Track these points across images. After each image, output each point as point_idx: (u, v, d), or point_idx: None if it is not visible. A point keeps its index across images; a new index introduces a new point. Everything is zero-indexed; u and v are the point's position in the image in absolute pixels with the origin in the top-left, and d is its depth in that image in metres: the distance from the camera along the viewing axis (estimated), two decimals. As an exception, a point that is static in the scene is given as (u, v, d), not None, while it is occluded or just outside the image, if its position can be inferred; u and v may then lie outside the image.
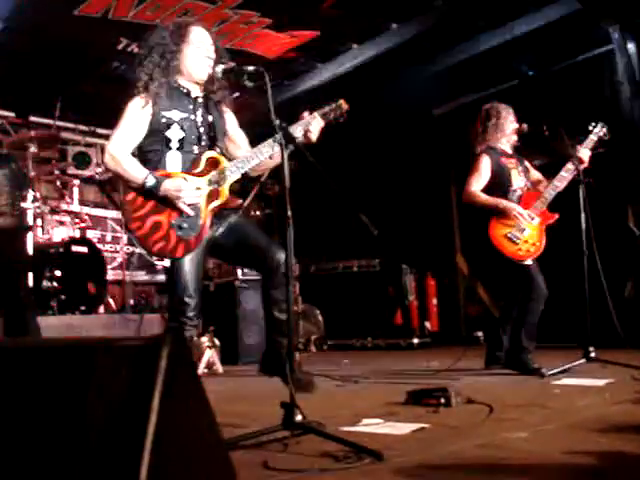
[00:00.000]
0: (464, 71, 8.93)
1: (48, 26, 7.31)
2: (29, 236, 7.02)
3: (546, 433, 2.97)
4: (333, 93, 9.07)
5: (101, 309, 7.65)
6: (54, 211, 7.64)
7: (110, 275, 8.50)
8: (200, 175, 3.58)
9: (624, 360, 4.99)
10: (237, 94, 9.54)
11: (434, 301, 9.81)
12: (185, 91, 3.70)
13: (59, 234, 7.52)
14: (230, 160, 3.74)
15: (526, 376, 5.06)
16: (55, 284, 6.89)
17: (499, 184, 5.44)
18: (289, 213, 3.13)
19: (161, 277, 9.63)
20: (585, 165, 5.42)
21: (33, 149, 7.37)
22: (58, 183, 8.20)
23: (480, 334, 9.43)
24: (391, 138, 10.06)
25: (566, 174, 5.38)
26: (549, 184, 5.43)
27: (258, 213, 10.29)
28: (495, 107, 5.70)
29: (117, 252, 9.29)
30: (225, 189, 3.63)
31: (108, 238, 9.41)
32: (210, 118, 3.74)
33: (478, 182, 5.42)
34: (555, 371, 4.94)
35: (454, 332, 9.98)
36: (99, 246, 8.32)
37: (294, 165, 3.98)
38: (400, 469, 2.40)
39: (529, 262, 5.32)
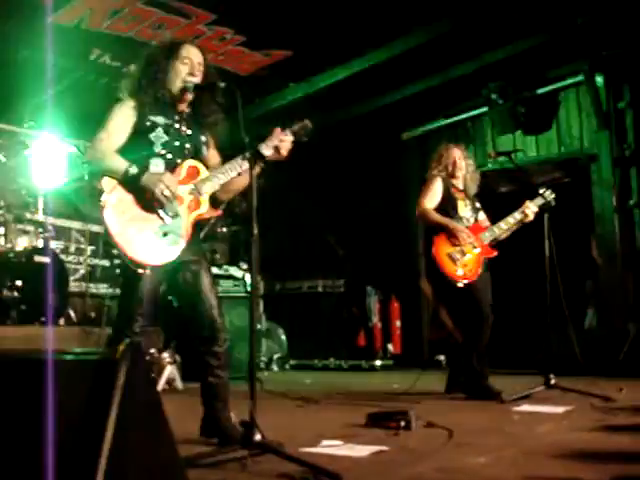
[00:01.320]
0: (434, 96, 9.01)
1: (21, 34, 7.25)
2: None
3: (504, 458, 2.97)
4: (304, 113, 9.13)
5: (62, 321, 7.53)
6: (18, 220, 7.53)
7: (72, 287, 8.39)
8: (181, 183, 3.44)
9: (584, 388, 5.04)
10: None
11: (397, 323, 9.82)
12: (170, 102, 3.63)
13: (22, 243, 7.41)
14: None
15: (486, 401, 5.08)
16: (16, 294, 6.78)
17: (446, 209, 5.61)
18: (255, 231, 3.12)
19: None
20: (530, 219, 5.59)
21: (0, 157, 7.28)
22: (23, 192, 8.10)
23: (442, 358, 9.47)
24: (359, 160, 10.11)
25: (512, 220, 5.58)
26: (497, 223, 5.63)
27: (225, 230, 10.25)
28: (449, 147, 5.89)
29: (80, 263, 9.17)
30: (205, 199, 3.50)
31: (72, 249, 9.29)
32: (190, 132, 3.66)
33: (431, 201, 5.61)
34: (515, 397, 4.97)
35: (416, 355, 9.99)
36: (62, 257, 8.21)
37: (261, 183, 3.95)
38: (358, 492, 2.39)
39: (461, 284, 5.39)
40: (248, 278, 8.22)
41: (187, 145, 3.59)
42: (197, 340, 3.56)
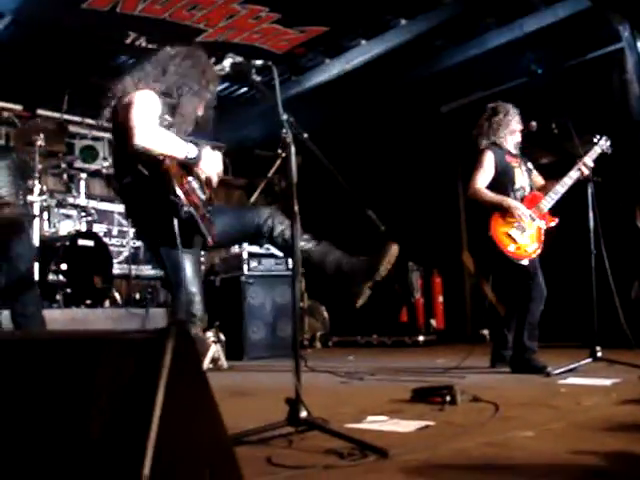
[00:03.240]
0: (473, 68, 8.89)
1: (56, 19, 7.30)
2: (35, 227, 7.03)
3: (552, 432, 2.95)
4: (341, 89, 9.10)
5: (107, 303, 7.64)
6: (60, 204, 7.64)
7: (116, 269, 8.50)
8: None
9: (631, 360, 4.97)
10: (245, 89, 9.57)
11: (440, 299, 9.79)
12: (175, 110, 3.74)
13: (65, 227, 7.52)
14: None
15: (532, 375, 5.04)
16: (61, 277, 6.89)
17: (503, 181, 5.44)
18: (296, 208, 3.12)
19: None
20: (586, 174, 5.40)
21: (40, 142, 7.36)
22: (65, 176, 8.20)
23: (486, 332, 9.42)
24: (399, 135, 10.04)
25: (569, 181, 5.39)
26: (552, 188, 5.43)
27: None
28: (502, 105, 5.70)
29: (123, 246, 9.27)
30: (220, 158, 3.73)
31: (114, 232, 9.39)
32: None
33: (483, 178, 5.42)
34: (561, 370, 4.92)
35: (460, 330, 9.97)
36: (105, 240, 8.32)
37: (300, 160, 4.00)
38: (405, 467, 2.38)
39: (525, 262, 5.28)
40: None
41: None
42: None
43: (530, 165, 5.72)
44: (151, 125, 3.47)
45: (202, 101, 3.84)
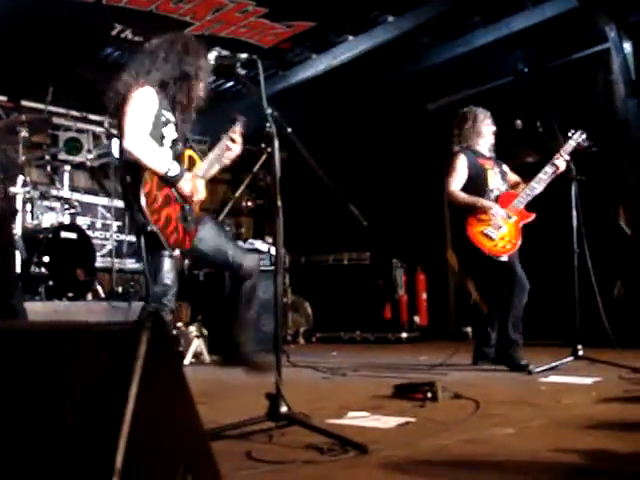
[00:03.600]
0: (460, 66, 8.90)
1: (42, 10, 7.25)
2: (18, 220, 6.98)
3: (532, 430, 2.96)
4: (327, 85, 9.09)
5: (89, 296, 7.60)
6: (44, 196, 7.58)
7: (99, 262, 8.45)
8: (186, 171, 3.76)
9: (612, 359, 5.00)
10: (231, 83, 9.54)
11: (424, 296, 9.80)
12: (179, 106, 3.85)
13: (48, 220, 7.47)
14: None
15: (513, 373, 5.06)
16: (43, 270, 6.84)
17: (476, 183, 5.53)
18: (279, 203, 3.11)
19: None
20: (562, 170, 5.45)
21: (24, 134, 7.31)
22: (49, 168, 8.15)
23: (469, 330, 9.44)
24: (384, 131, 10.04)
25: (544, 176, 5.45)
26: (527, 185, 5.50)
27: (250, 204, 10.26)
28: (472, 111, 5.77)
29: (107, 239, 9.23)
30: (202, 186, 3.87)
31: (98, 225, 9.34)
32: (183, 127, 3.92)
33: (457, 181, 5.52)
34: (543, 368, 4.94)
35: (443, 327, 9.98)
36: (89, 233, 8.27)
37: (285, 156, 4.04)
38: (385, 463, 2.38)
39: (505, 258, 5.37)
40: (273, 251, 8.23)
41: (181, 136, 3.86)
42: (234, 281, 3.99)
43: (505, 167, 5.79)
44: (141, 133, 3.57)
45: (200, 83, 3.89)
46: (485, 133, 5.70)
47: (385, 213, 9.65)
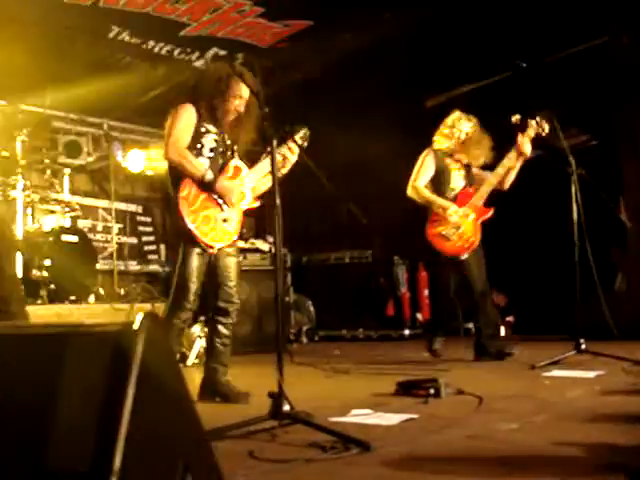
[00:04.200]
0: (457, 62, 8.89)
1: (38, 13, 7.23)
2: (19, 223, 6.98)
3: (536, 424, 2.96)
4: (325, 83, 9.07)
5: (91, 299, 7.60)
6: (44, 200, 7.58)
7: (101, 265, 8.46)
8: (230, 179, 4.07)
9: (614, 352, 4.99)
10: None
11: (426, 292, 9.79)
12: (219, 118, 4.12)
13: (49, 223, 7.46)
14: None
15: (517, 367, 5.06)
16: (45, 273, 6.84)
17: (440, 181, 5.74)
18: (278, 202, 3.12)
19: (152, 267, 9.60)
20: (527, 156, 5.59)
21: (23, 137, 7.30)
22: (48, 172, 8.14)
23: (471, 325, 9.42)
24: (383, 128, 10.02)
25: (501, 170, 5.61)
26: (485, 181, 5.68)
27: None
28: (456, 117, 5.88)
29: (108, 242, 9.23)
30: (248, 192, 4.15)
31: (99, 228, 9.35)
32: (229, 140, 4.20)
33: (423, 177, 5.75)
34: (545, 363, 4.93)
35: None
36: (90, 236, 8.27)
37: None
38: (388, 460, 2.38)
39: (465, 256, 5.58)
40: (274, 251, 8.23)
41: (228, 149, 4.17)
42: (214, 313, 4.18)
43: (474, 170, 5.87)
44: (180, 145, 3.93)
45: (233, 100, 4.08)
46: (459, 140, 5.79)
47: (385, 210, 9.63)
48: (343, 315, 9.41)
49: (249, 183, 4.15)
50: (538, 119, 5.63)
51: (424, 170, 5.75)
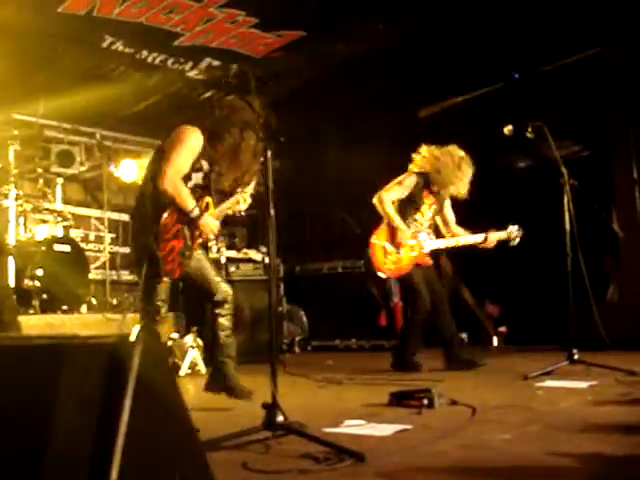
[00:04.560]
0: (450, 72, 8.91)
1: (32, 23, 7.23)
2: (11, 233, 6.96)
3: (529, 434, 2.96)
4: (318, 92, 9.09)
5: (83, 309, 7.58)
6: (37, 210, 7.56)
7: (93, 274, 8.44)
8: None
9: (607, 362, 4.99)
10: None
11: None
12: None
13: (41, 233, 7.44)
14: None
15: (509, 378, 5.06)
16: (37, 283, 6.82)
17: (409, 206, 5.94)
18: (272, 212, 3.12)
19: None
20: (487, 246, 5.94)
21: (16, 147, 7.30)
22: (41, 181, 8.12)
23: (465, 335, 9.44)
24: (376, 138, 10.04)
25: (470, 241, 5.98)
26: (448, 238, 6.05)
27: (243, 214, 10.23)
28: (457, 160, 5.93)
29: (100, 251, 9.21)
30: (216, 225, 4.23)
31: (91, 237, 9.34)
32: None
33: (395, 192, 5.93)
34: (538, 373, 4.94)
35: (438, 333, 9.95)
36: (82, 245, 8.25)
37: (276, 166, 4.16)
38: (382, 471, 2.38)
39: (382, 275, 6.00)
40: (267, 261, 8.23)
41: (206, 185, 4.22)
42: (212, 307, 4.21)
43: (446, 203, 6.11)
44: (179, 178, 3.94)
45: (227, 140, 4.11)
46: (449, 183, 5.93)
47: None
48: (336, 325, 9.40)
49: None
50: (513, 229, 5.94)
51: (400, 188, 5.93)
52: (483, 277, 6.71)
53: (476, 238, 5.92)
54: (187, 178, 4.05)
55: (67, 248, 7.21)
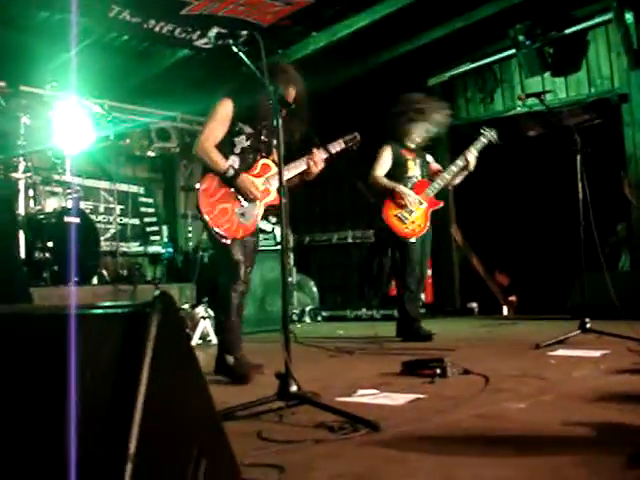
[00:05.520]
0: (459, 40, 8.83)
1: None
2: (21, 205, 6.96)
3: (543, 404, 2.95)
4: (327, 62, 9.02)
5: (94, 280, 7.60)
6: (46, 181, 7.55)
7: (103, 246, 8.45)
8: (256, 176, 4.27)
9: (619, 331, 4.97)
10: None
11: (429, 272, 9.78)
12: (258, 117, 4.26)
13: (51, 205, 7.44)
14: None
15: (521, 347, 5.06)
16: (47, 255, 6.82)
17: (398, 171, 6.19)
18: (283, 182, 3.11)
19: (154, 248, 9.59)
20: (472, 166, 6.00)
21: (25, 119, 7.27)
22: (50, 153, 8.11)
23: (474, 305, 9.45)
24: (385, 108, 9.97)
25: (454, 168, 6.08)
26: (440, 175, 6.17)
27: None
28: (407, 108, 6.31)
29: (110, 223, 9.23)
30: (273, 189, 4.29)
31: (101, 209, 9.34)
32: (266, 139, 4.36)
33: (381, 168, 6.21)
34: (551, 342, 4.93)
35: (449, 303, 9.99)
36: (92, 217, 8.25)
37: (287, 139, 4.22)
38: (396, 440, 2.38)
39: (413, 240, 6.06)
40: (278, 231, 8.23)
41: (263, 147, 4.35)
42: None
43: (428, 158, 6.43)
44: (208, 144, 4.14)
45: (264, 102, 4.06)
46: (414, 132, 6.24)
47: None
48: (346, 295, 9.42)
49: (275, 181, 4.17)
50: (484, 128, 6.13)
51: (382, 162, 6.22)
52: (493, 247, 6.69)
53: (458, 163, 6.06)
54: (231, 144, 4.23)
55: (77, 220, 7.21)
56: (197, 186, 4.17)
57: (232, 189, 4.16)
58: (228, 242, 4.10)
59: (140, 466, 1.02)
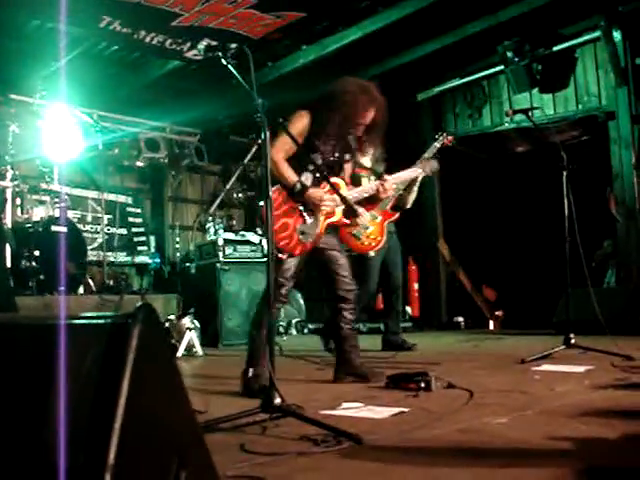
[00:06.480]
0: (449, 56, 8.89)
1: (28, 3, 7.18)
2: (8, 213, 6.94)
3: (526, 419, 2.96)
4: (316, 75, 9.05)
5: (80, 290, 7.58)
6: (34, 190, 7.54)
7: (90, 256, 8.43)
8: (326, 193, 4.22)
9: (604, 347, 5.00)
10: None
11: (415, 286, 9.81)
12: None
13: (39, 213, 7.43)
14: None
15: (506, 362, 5.07)
16: (34, 264, 6.81)
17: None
18: (270, 194, 3.11)
19: (142, 259, 9.58)
20: (427, 172, 5.80)
21: (14, 128, 7.27)
22: (38, 162, 8.10)
23: (461, 319, 9.47)
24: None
25: (406, 176, 5.78)
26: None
27: (241, 196, 10.23)
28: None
29: (97, 232, 9.21)
30: (339, 210, 4.32)
31: (88, 218, 9.33)
32: (338, 156, 4.38)
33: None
34: (535, 357, 4.94)
35: (435, 317, 10.01)
36: (79, 226, 8.24)
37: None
38: (379, 453, 2.38)
39: (372, 254, 6.21)
40: (265, 243, 8.23)
41: (333, 166, 4.35)
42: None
43: (381, 169, 6.40)
44: (280, 156, 4.08)
45: (338, 117, 4.24)
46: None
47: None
48: (333, 308, 9.41)
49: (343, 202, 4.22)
50: (439, 133, 6.26)
51: None
52: (480, 261, 6.72)
53: (410, 173, 5.80)
54: (305, 160, 4.14)
55: (64, 229, 7.19)
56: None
57: (298, 205, 4.14)
58: (284, 257, 4.06)
59: (119, 476, 1.02)
